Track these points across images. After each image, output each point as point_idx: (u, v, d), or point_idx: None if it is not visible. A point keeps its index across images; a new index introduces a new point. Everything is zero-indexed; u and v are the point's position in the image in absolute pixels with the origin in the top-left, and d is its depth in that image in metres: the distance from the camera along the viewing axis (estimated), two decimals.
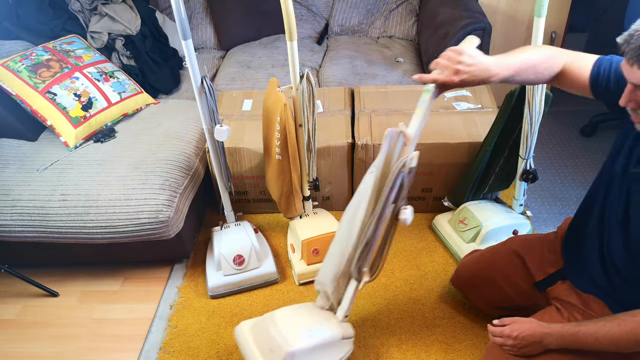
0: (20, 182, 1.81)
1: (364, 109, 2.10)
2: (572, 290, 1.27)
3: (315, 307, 1.48)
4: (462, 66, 1.03)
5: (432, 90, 1.09)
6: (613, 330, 1.06)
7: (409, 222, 1.18)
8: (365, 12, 2.81)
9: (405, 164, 1.12)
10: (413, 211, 1.18)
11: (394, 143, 1.15)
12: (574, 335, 1.13)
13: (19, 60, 1.99)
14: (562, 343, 1.15)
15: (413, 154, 1.13)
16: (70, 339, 1.73)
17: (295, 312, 1.46)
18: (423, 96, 1.11)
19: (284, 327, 1.35)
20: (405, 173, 1.13)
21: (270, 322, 1.38)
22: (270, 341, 1.33)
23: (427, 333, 1.63)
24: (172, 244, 1.84)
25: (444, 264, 1.89)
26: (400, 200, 1.18)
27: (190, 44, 1.46)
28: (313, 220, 1.92)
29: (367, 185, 1.22)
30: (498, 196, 2.04)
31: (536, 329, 1.19)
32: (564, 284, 1.31)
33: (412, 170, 1.14)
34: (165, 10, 2.79)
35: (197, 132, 2.06)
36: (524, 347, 1.20)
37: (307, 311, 1.46)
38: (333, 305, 1.45)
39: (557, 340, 1.16)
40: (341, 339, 1.39)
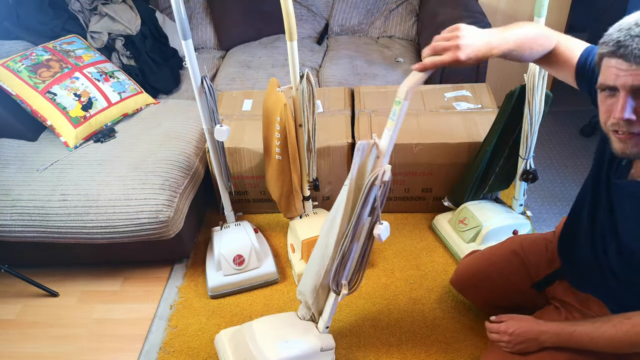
0: (20, 182, 1.81)
1: (364, 109, 2.10)
2: (570, 290, 1.28)
3: (296, 317, 1.48)
4: (463, 41, 0.95)
5: (402, 102, 1.02)
6: (609, 332, 1.07)
7: (383, 239, 1.15)
8: (365, 12, 2.81)
9: (377, 177, 1.09)
10: (388, 227, 1.15)
11: (366, 155, 1.13)
12: (569, 334, 1.13)
13: (19, 60, 1.99)
14: (558, 341, 1.15)
15: (385, 168, 1.10)
16: (70, 339, 1.73)
17: (275, 322, 1.46)
18: (394, 108, 1.05)
19: (261, 339, 1.36)
20: (377, 187, 1.11)
21: (249, 332, 1.38)
22: (247, 353, 1.34)
23: (427, 333, 1.63)
24: (172, 244, 1.84)
25: (444, 264, 1.89)
26: (376, 214, 1.15)
27: (190, 44, 1.46)
28: (313, 220, 1.92)
29: (342, 199, 1.19)
30: (498, 196, 2.04)
31: (532, 326, 1.20)
32: (562, 284, 1.31)
33: (385, 184, 1.12)
34: (165, 10, 2.79)
35: (197, 132, 2.06)
36: (519, 344, 1.20)
37: (287, 322, 1.47)
38: (314, 315, 1.44)
39: (553, 338, 1.16)
40: (320, 351, 1.38)
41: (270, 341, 1.36)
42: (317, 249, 1.33)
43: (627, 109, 0.84)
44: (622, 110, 0.84)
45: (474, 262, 1.58)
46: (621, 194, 1.04)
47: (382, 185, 1.12)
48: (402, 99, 1.01)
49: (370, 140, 1.11)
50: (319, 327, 1.42)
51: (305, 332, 1.41)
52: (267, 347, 1.34)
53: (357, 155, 1.11)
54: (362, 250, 1.24)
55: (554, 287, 1.33)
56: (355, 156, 1.11)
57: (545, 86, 1.58)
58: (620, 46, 0.83)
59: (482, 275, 1.52)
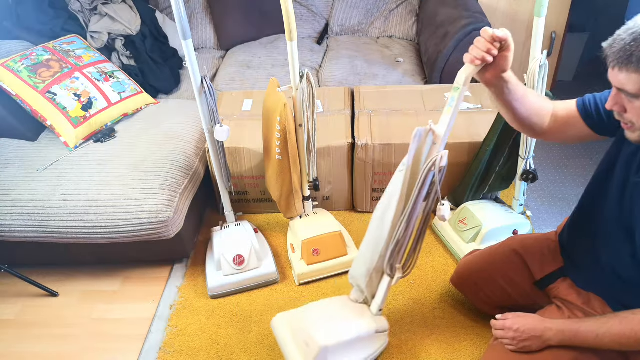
0: (20, 182, 1.81)
1: (364, 109, 2.10)
2: (572, 289, 1.27)
3: (349, 301, 1.51)
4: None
5: (461, 88, 1.06)
6: (614, 328, 1.06)
7: (447, 218, 1.20)
8: (365, 12, 2.81)
9: (435, 163, 1.13)
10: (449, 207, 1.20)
11: (422, 142, 1.16)
12: (574, 332, 1.13)
13: (19, 60, 1.99)
14: (563, 339, 1.15)
15: (442, 153, 1.13)
16: (70, 339, 1.73)
17: (329, 306, 1.50)
18: (452, 95, 1.08)
19: (319, 322, 1.40)
20: (435, 172, 1.15)
21: (305, 316, 1.42)
22: (306, 336, 1.38)
23: (427, 333, 1.63)
24: (172, 244, 1.84)
25: (444, 264, 1.89)
26: (432, 198, 1.20)
27: (190, 44, 1.46)
28: (313, 220, 1.92)
29: (397, 184, 1.23)
30: (498, 196, 2.04)
31: (537, 324, 1.20)
32: (565, 282, 1.31)
33: (442, 169, 1.15)
34: (165, 10, 2.79)
35: (197, 132, 2.06)
36: (523, 341, 1.20)
37: (341, 305, 1.50)
38: (367, 298, 1.47)
39: (558, 335, 1.16)
40: (375, 333, 1.42)
41: (328, 324, 1.40)
42: (370, 235, 1.36)
43: (610, 101, 0.97)
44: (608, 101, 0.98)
45: (475, 261, 1.58)
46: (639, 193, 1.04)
47: (439, 170, 1.15)
48: (460, 85, 1.04)
49: (426, 127, 1.14)
50: (372, 309, 1.45)
51: (360, 314, 1.44)
52: (326, 330, 1.38)
53: (413, 142, 1.15)
54: (417, 234, 1.27)
55: (556, 285, 1.33)
56: (411, 142, 1.15)
57: (545, 86, 1.58)
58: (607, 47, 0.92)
59: (483, 274, 1.52)
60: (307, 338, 1.38)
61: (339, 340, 1.35)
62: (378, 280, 1.41)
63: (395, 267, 1.31)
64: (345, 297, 1.54)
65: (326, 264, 1.83)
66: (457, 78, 1.05)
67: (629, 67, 0.88)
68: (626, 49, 0.87)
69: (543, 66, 1.53)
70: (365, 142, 1.93)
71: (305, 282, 1.84)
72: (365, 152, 1.94)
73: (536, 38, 1.48)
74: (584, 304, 1.23)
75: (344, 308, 1.48)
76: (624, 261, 1.10)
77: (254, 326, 1.69)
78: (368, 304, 1.47)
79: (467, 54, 1.02)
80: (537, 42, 1.49)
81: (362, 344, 1.42)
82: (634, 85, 0.89)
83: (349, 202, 2.15)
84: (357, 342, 1.40)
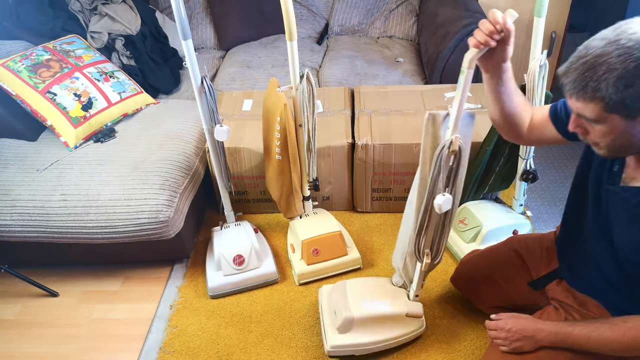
0: (20, 182, 1.81)
1: (364, 109, 2.10)
2: (568, 292, 1.28)
3: (390, 283, 1.60)
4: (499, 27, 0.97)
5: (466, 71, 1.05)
6: (605, 334, 1.07)
7: (443, 209, 1.19)
8: (365, 12, 2.81)
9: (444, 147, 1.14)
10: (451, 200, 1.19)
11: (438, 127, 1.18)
12: (566, 334, 1.13)
13: (19, 60, 1.99)
14: (555, 341, 1.16)
15: (452, 138, 1.14)
16: (70, 339, 1.73)
17: (367, 284, 1.59)
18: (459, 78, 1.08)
19: (351, 295, 1.51)
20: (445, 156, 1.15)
21: (342, 289, 1.54)
22: (337, 305, 1.50)
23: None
24: (172, 244, 1.84)
25: (444, 264, 1.89)
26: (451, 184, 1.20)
27: (190, 44, 1.46)
28: (313, 220, 1.92)
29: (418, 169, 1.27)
30: (498, 196, 2.04)
31: (529, 324, 1.20)
32: (561, 284, 1.31)
33: (456, 154, 1.15)
34: (165, 10, 2.79)
35: (197, 132, 2.06)
36: (516, 341, 1.21)
37: (379, 285, 1.59)
38: (406, 283, 1.54)
39: (550, 337, 1.16)
40: (405, 316, 1.50)
41: (358, 298, 1.50)
42: (404, 219, 1.43)
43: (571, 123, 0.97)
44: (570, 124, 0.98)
45: (475, 260, 1.58)
46: (613, 200, 1.05)
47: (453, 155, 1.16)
48: (465, 68, 1.05)
49: (444, 112, 1.16)
50: (410, 295, 1.53)
51: (394, 296, 1.53)
52: (354, 302, 1.48)
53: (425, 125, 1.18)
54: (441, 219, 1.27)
55: (553, 287, 1.33)
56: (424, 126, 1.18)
57: (545, 86, 1.58)
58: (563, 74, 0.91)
59: (483, 273, 1.52)
60: (336, 307, 1.50)
61: (365, 314, 1.45)
62: (413, 265, 1.46)
63: (423, 252, 1.35)
64: (386, 279, 1.63)
65: (326, 264, 1.83)
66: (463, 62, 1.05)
67: (584, 96, 0.87)
68: (580, 79, 0.86)
69: (543, 66, 1.53)
70: (365, 142, 1.93)
71: (305, 282, 1.84)
72: (365, 152, 1.94)
73: (536, 38, 1.48)
74: (580, 305, 1.23)
75: (381, 288, 1.57)
76: (609, 265, 1.11)
77: (254, 326, 1.69)
78: (407, 288, 1.55)
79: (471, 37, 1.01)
80: (537, 42, 1.49)
81: (391, 324, 1.50)
82: (592, 113, 0.88)
83: (349, 202, 2.15)
84: (387, 321, 1.49)
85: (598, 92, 0.84)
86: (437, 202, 1.18)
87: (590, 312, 1.20)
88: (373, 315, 1.47)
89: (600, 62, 0.83)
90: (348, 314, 1.45)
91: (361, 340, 1.49)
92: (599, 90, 0.84)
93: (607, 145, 0.94)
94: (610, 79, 0.82)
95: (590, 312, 1.20)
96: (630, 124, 0.87)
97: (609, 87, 0.83)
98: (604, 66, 0.83)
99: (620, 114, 0.86)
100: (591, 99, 0.86)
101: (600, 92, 0.84)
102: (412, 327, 1.55)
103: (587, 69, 0.85)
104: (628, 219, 1.01)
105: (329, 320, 1.55)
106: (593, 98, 0.86)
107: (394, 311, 1.49)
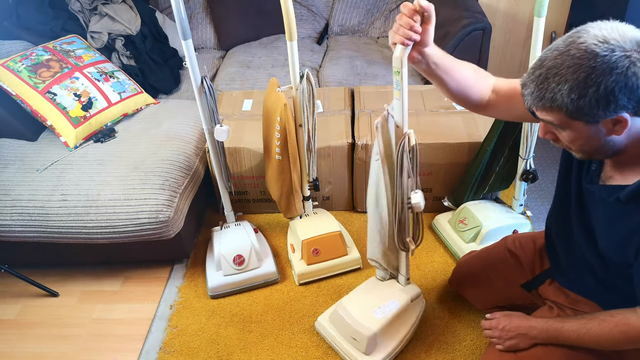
0: (20, 182, 1.81)
1: (364, 109, 2.10)
2: (560, 291, 1.28)
3: (377, 281, 1.60)
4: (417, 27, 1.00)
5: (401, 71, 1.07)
6: (594, 329, 1.08)
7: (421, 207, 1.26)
8: (365, 12, 2.81)
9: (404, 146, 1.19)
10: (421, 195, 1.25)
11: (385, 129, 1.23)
12: (557, 331, 1.15)
13: (19, 60, 1.99)
14: (547, 337, 1.17)
15: (407, 134, 1.19)
16: (70, 339, 1.73)
17: (362, 294, 1.58)
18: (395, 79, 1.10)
19: (357, 312, 1.48)
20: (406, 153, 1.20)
21: (344, 311, 1.50)
22: (351, 330, 1.46)
23: (427, 333, 1.63)
24: (172, 244, 1.84)
25: (444, 264, 1.89)
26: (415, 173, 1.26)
27: (190, 44, 1.46)
28: (313, 220, 1.92)
29: (378, 173, 1.29)
30: (498, 196, 2.04)
31: (522, 322, 1.22)
32: (553, 284, 1.32)
33: (413, 148, 1.21)
34: (165, 10, 2.79)
35: (197, 132, 2.06)
36: (510, 339, 1.23)
37: (372, 288, 1.58)
38: (392, 273, 1.56)
39: (542, 334, 1.18)
40: (410, 302, 1.52)
41: (366, 312, 1.48)
42: (372, 222, 1.43)
43: (540, 130, 0.98)
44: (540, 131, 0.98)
45: (471, 261, 1.59)
46: (592, 199, 1.06)
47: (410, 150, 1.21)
48: (399, 68, 1.07)
49: (384, 113, 1.21)
50: (400, 281, 1.55)
51: (391, 291, 1.54)
52: (365, 318, 1.46)
53: (377, 132, 1.22)
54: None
55: (545, 287, 1.34)
56: (376, 133, 1.23)
57: None
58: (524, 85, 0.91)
59: (480, 274, 1.53)
60: (352, 333, 1.46)
61: (383, 322, 1.45)
62: (395, 256, 1.49)
63: (407, 241, 1.38)
64: (372, 278, 1.62)
65: (326, 264, 1.83)
66: (394, 63, 1.06)
67: (544, 107, 0.88)
68: (537, 91, 0.87)
69: None
70: (365, 142, 1.93)
71: (305, 282, 1.84)
72: (365, 152, 1.94)
73: (536, 38, 1.48)
74: (573, 304, 1.24)
75: (375, 290, 1.57)
76: (596, 264, 1.11)
77: (254, 326, 1.69)
78: (396, 277, 1.57)
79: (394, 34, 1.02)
80: (537, 42, 1.49)
81: (403, 316, 1.52)
82: (556, 120, 0.90)
83: (349, 202, 2.15)
84: (399, 316, 1.49)
85: (555, 102, 0.86)
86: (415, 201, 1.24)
87: (583, 310, 1.21)
88: (389, 318, 1.46)
89: (552, 74, 0.84)
90: (369, 332, 1.42)
91: (390, 348, 1.49)
92: (556, 100, 0.85)
93: (578, 149, 0.96)
94: (564, 90, 0.84)
95: (583, 310, 1.21)
96: (595, 128, 0.88)
97: (564, 98, 0.84)
98: (556, 78, 0.84)
99: (582, 120, 0.87)
100: (550, 108, 0.88)
101: (556, 102, 0.86)
102: (418, 308, 1.59)
103: (542, 81, 0.86)
104: (607, 218, 1.02)
105: (350, 348, 1.49)
106: (552, 108, 0.88)
107: (401, 303, 1.50)
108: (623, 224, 0.97)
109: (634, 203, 0.94)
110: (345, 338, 1.51)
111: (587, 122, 0.87)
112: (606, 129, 0.88)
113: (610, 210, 1.00)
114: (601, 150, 0.93)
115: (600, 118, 0.85)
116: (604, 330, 1.06)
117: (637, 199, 0.93)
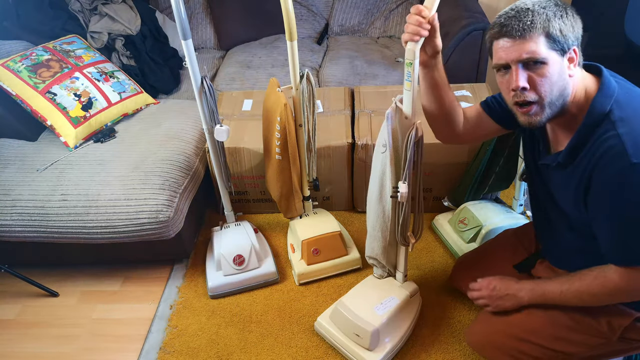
0: (20, 182, 1.81)
1: (364, 109, 2.10)
2: (550, 270, 1.33)
3: (375, 279, 1.63)
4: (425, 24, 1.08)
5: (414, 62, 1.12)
6: (574, 285, 1.14)
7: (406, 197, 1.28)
8: (365, 12, 2.81)
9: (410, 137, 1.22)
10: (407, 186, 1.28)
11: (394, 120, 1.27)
12: (542, 289, 1.21)
13: (19, 60, 1.99)
14: (532, 297, 1.23)
15: (416, 125, 1.23)
16: (70, 339, 1.73)
17: (362, 291, 1.60)
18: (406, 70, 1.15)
19: (358, 310, 1.51)
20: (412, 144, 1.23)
21: (345, 309, 1.52)
22: (354, 327, 1.49)
23: (427, 333, 1.63)
24: (172, 244, 1.84)
25: (444, 264, 1.89)
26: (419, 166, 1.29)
27: (190, 44, 1.46)
28: (313, 220, 1.92)
29: (384, 165, 1.32)
30: (498, 196, 2.04)
31: (512, 283, 1.29)
32: (544, 263, 1.36)
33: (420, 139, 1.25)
34: (165, 10, 2.79)
35: (197, 132, 2.06)
36: (499, 299, 1.28)
37: (371, 286, 1.61)
38: (390, 270, 1.59)
39: (528, 294, 1.23)
40: (409, 297, 1.56)
41: (367, 309, 1.50)
42: (374, 218, 1.46)
43: (520, 79, 1.00)
44: (517, 80, 0.99)
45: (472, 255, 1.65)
46: (547, 171, 1.17)
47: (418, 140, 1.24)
48: (412, 59, 1.12)
49: (392, 105, 1.25)
50: (398, 278, 1.59)
51: (390, 288, 1.58)
52: (367, 315, 1.48)
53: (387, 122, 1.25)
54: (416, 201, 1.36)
55: (536, 268, 1.38)
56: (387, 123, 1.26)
57: None
58: (503, 26, 1.00)
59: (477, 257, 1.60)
60: (355, 329, 1.48)
61: (382, 319, 1.47)
62: (394, 251, 1.53)
63: (407, 236, 1.41)
64: (370, 277, 1.65)
65: (326, 264, 1.83)
66: (407, 55, 1.12)
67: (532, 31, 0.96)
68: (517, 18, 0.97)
69: None
70: (365, 142, 1.93)
71: (305, 282, 1.84)
72: (365, 152, 1.94)
73: None
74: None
75: (374, 288, 1.59)
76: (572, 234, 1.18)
77: (254, 326, 1.69)
78: (393, 275, 1.60)
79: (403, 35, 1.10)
80: None
81: (403, 311, 1.55)
82: (543, 47, 0.97)
83: (349, 202, 2.15)
84: (399, 312, 1.52)
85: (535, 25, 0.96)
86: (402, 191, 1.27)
87: None
88: (391, 313, 1.49)
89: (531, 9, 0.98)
90: (372, 328, 1.44)
91: (393, 343, 1.51)
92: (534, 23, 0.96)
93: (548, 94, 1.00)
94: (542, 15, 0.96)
95: None
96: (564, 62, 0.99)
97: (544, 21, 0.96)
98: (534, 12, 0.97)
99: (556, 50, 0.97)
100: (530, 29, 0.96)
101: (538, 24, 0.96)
102: (416, 304, 1.62)
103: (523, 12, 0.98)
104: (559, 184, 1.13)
105: (353, 345, 1.50)
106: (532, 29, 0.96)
107: (401, 299, 1.53)
108: (570, 183, 1.08)
109: (571, 162, 1.06)
110: (348, 335, 1.52)
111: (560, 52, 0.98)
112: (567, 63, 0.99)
113: (558, 175, 1.13)
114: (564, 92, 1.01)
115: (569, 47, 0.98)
116: (583, 284, 1.12)
117: (571, 158, 1.06)
